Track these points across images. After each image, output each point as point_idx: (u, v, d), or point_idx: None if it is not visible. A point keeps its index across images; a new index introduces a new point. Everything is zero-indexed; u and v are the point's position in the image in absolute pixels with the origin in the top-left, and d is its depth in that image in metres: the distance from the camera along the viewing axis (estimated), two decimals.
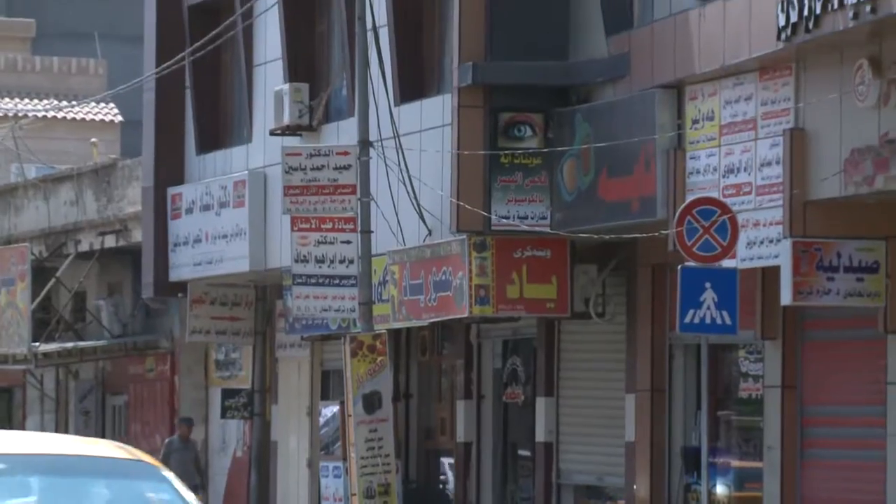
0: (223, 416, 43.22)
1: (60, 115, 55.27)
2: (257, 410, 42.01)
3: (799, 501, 29.24)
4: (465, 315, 33.17)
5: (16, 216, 50.90)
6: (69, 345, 48.15)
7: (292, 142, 36.22)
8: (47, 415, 51.85)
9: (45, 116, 54.23)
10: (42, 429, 50.87)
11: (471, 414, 36.17)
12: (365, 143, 32.75)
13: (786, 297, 27.63)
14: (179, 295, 42.29)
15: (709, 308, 26.30)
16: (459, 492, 36.36)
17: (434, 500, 37.53)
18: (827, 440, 28.64)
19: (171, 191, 41.63)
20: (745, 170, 28.45)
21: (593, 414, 33.56)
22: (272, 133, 37.71)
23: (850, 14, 25.30)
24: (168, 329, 45.05)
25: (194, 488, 38.84)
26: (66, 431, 49.94)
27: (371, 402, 32.55)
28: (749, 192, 28.16)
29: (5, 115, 52.69)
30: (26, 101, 56.21)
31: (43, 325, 47.97)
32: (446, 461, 37.39)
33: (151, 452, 45.02)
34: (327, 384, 40.14)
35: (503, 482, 35.84)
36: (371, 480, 32.16)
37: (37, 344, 47.25)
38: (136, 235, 43.95)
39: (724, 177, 28.71)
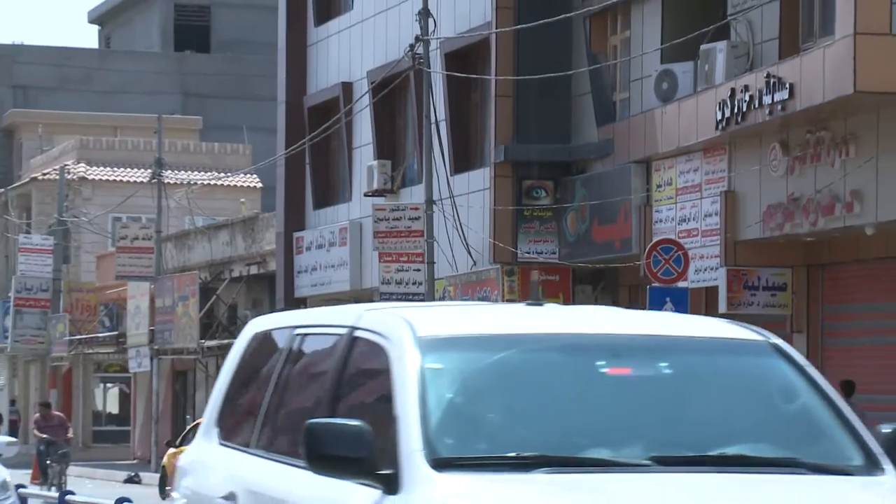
0: None
1: (219, 183, 55.22)
2: None
3: None
4: None
5: (189, 252, 50.90)
6: (225, 341, 48.21)
7: (379, 201, 36.20)
8: (210, 391, 51.79)
9: (208, 184, 54.20)
10: (205, 402, 50.83)
11: None
12: (429, 202, 32.82)
13: (722, 307, 27.58)
14: (302, 307, 42.28)
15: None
16: None
17: None
18: None
19: (296, 235, 41.63)
20: (694, 219, 28.42)
21: None
22: (365, 195, 37.72)
23: (767, 112, 25.39)
24: None
25: None
26: None
27: None
28: (696, 235, 28.13)
29: (181, 183, 52.65)
30: (196, 173, 56.08)
31: (207, 328, 47.92)
32: None
33: None
34: None
35: None
36: None
37: (203, 341, 47.23)
38: (272, 266, 43.92)
39: (678, 224, 28.68)
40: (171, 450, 37.15)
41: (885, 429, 7.56)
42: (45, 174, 61.41)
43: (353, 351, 7.44)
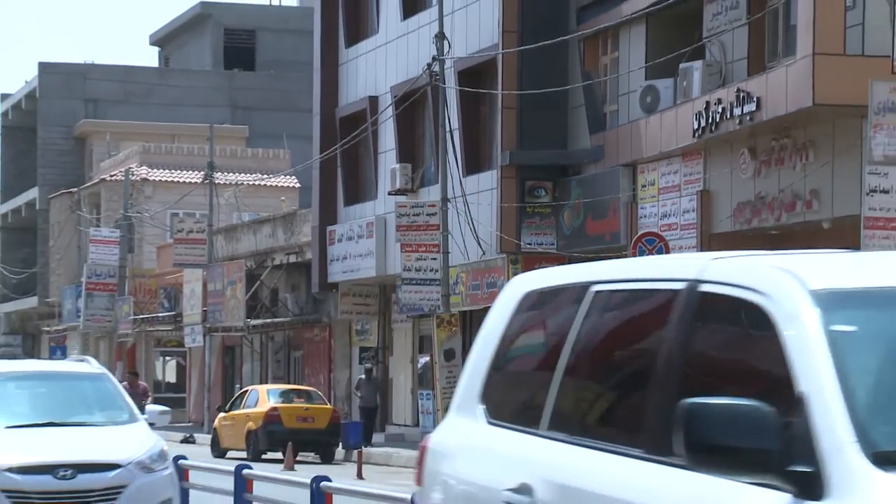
0: (360, 363, 43.20)
1: (263, 183, 55.27)
2: (380, 359, 41.95)
3: None
4: None
5: (236, 243, 50.91)
6: (268, 320, 48.23)
7: (401, 199, 36.20)
8: (255, 363, 51.78)
9: (253, 184, 54.21)
10: (252, 372, 50.87)
11: None
12: (444, 200, 32.81)
13: None
14: (334, 290, 42.31)
15: None
16: None
17: None
18: None
19: (329, 228, 41.64)
20: (674, 215, 28.39)
21: None
22: (389, 193, 37.74)
23: (737, 122, 25.38)
24: (327, 311, 44.93)
25: (376, 407, 38.73)
26: (266, 374, 49.95)
27: (449, 354, 32.52)
28: (676, 229, 28.10)
29: (230, 184, 52.71)
30: (242, 175, 56.13)
31: (252, 308, 47.91)
32: None
33: (318, 385, 44.59)
34: (422, 344, 40.09)
35: None
36: (449, 402, 32.11)
37: (249, 320, 47.25)
38: (308, 255, 43.93)
39: (660, 219, 28.65)
40: (221, 414, 37.20)
41: None
42: (112, 176, 61.50)
43: (703, 310, 5.16)
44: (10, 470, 12.73)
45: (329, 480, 12.74)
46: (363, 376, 38.77)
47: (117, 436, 13.60)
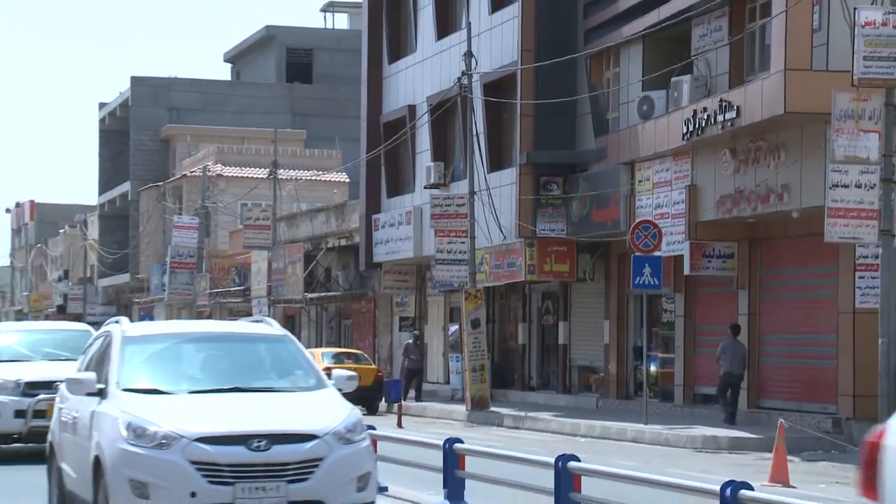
0: (400, 330, 43.25)
1: (318, 178, 55.35)
2: (417, 328, 41.97)
3: (692, 374, 29.06)
4: (523, 279, 33.10)
5: (296, 229, 50.94)
6: (322, 294, 48.27)
7: (435, 192, 36.14)
8: (312, 330, 51.81)
9: (310, 179, 54.31)
10: (309, 338, 50.94)
11: (525, 330, 36.07)
12: (471, 193, 32.74)
13: (686, 270, 27.50)
14: (378, 269, 42.32)
15: (647, 276, 26.05)
16: (520, 369, 36.30)
17: (509, 373, 37.45)
18: (706, 343, 28.42)
19: (374, 216, 41.65)
20: (666, 206, 28.31)
21: (588, 329, 33.25)
22: (425, 187, 37.71)
23: (720, 127, 25.28)
24: (372, 286, 44.95)
25: (420, 368, 38.33)
26: (321, 339, 50.04)
27: (475, 323, 32.47)
28: (668, 217, 28.01)
29: (290, 179, 52.81)
30: (301, 171, 56.24)
31: (308, 284, 47.89)
32: (514, 354, 37.31)
33: (364, 348, 44.60)
34: (452, 314, 40.12)
35: (542, 364, 35.75)
36: (475, 363, 32.12)
37: (306, 294, 47.29)
38: (356, 239, 43.91)
39: (654, 209, 28.57)
40: None
41: None
42: (192, 172, 61.60)
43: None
44: (202, 440, 9.87)
45: (577, 460, 10.42)
46: (410, 341, 38.72)
47: (309, 403, 10.76)
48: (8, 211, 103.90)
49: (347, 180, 57.37)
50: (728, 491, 8.26)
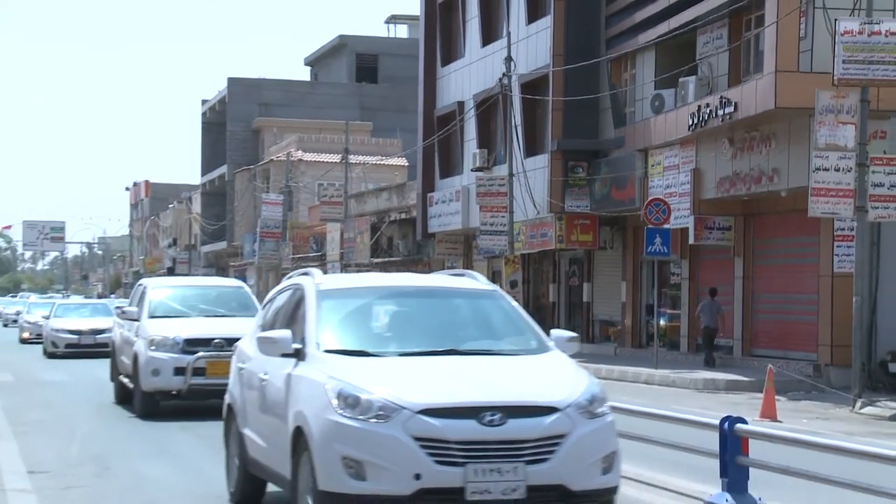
0: None
1: (382, 163, 55.42)
2: None
3: (695, 327, 28.93)
4: (553, 247, 32.98)
5: (364, 205, 50.86)
6: (385, 259, 48.32)
7: (480, 174, 36.05)
8: None
9: (375, 163, 54.36)
10: None
11: (555, 289, 35.97)
12: (510, 175, 32.65)
13: (691, 240, 27.34)
14: (432, 238, 42.31)
15: (658, 245, 25.96)
16: (550, 322, 36.20)
17: (541, 326, 37.21)
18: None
19: (429, 194, 41.60)
20: (674, 186, 28.12)
21: (608, 289, 33.15)
22: (471, 170, 37.57)
23: (720, 120, 25.05)
24: (427, 252, 45.00)
25: None
26: None
27: (513, 284, 32.46)
28: (676, 196, 27.83)
29: (359, 163, 52.87)
30: (368, 157, 56.31)
31: (374, 250, 48.08)
32: (545, 310, 37.26)
33: None
34: (493, 277, 40.09)
35: (569, 318, 35.67)
36: None
37: (372, 259, 47.40)
38: (414, 213, 43.89)
39: (665, 189, 28.37)
40: None
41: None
42: (277, 157, 61.74)
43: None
44: (426, 412, 7.14)
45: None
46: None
47: (540, 368, 7.88)
48: (127, 189, 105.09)
49: (406, 164, 57.38)
50: (726, 424, 8.26)
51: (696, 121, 25.96)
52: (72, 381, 22.90)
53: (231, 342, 14.76)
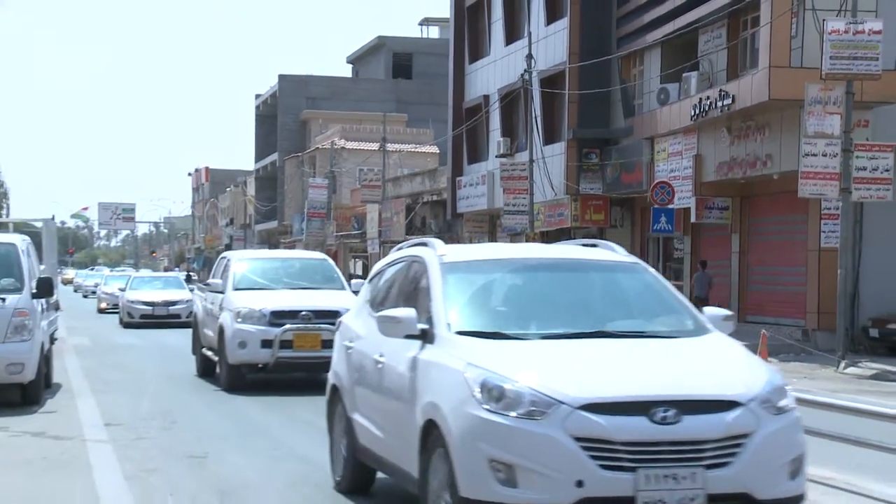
0: None
1: (416, 150, 55.46)
2: None
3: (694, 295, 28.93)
4: (569, 226, 32.97)
5: (399, 188, 50.90)
6: (419, 237, 48.35)
7: (504, 160, 36.07)
8: None
9: (410, 151, 54.42)
10: None
11: None
12: (531, 161, 32.66)
13: (692, 219, 27.33)
14: (461, 218, 42.33)
15: (663, 223, 26.00)
16: None
17: None
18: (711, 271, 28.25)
19: (458, 178, 41.63)
20: (677, 170, 28.09)
21: None
22: (496, 156, 37.60)
23: (719, 111, 24.97)
24: (457, 230, 44.91)
25: None
26: None
27: None
28: (679, 179, 27.81)
29: (396, 150, 52.97)
30: (403, 145, 56.36)
31: (409, 229, 47.77)
32: None
33: None
34: None
35: None
36: None
37: (407, 236, 47.35)
38: (445, 195, 43.96)
39: (669, 173, 28.35)
40: None
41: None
42: (323, 146, 61.87)
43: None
44: (589, 407, 5.50)
45: None
46: None
47: (708, 354, 6.09)
48: (189, 175, 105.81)
49: (438, 151, 57.39)
50: None
51: (697, 112, 25.93)
52: (145, 346, 22.28)
53: (318, 314, 13.85)
